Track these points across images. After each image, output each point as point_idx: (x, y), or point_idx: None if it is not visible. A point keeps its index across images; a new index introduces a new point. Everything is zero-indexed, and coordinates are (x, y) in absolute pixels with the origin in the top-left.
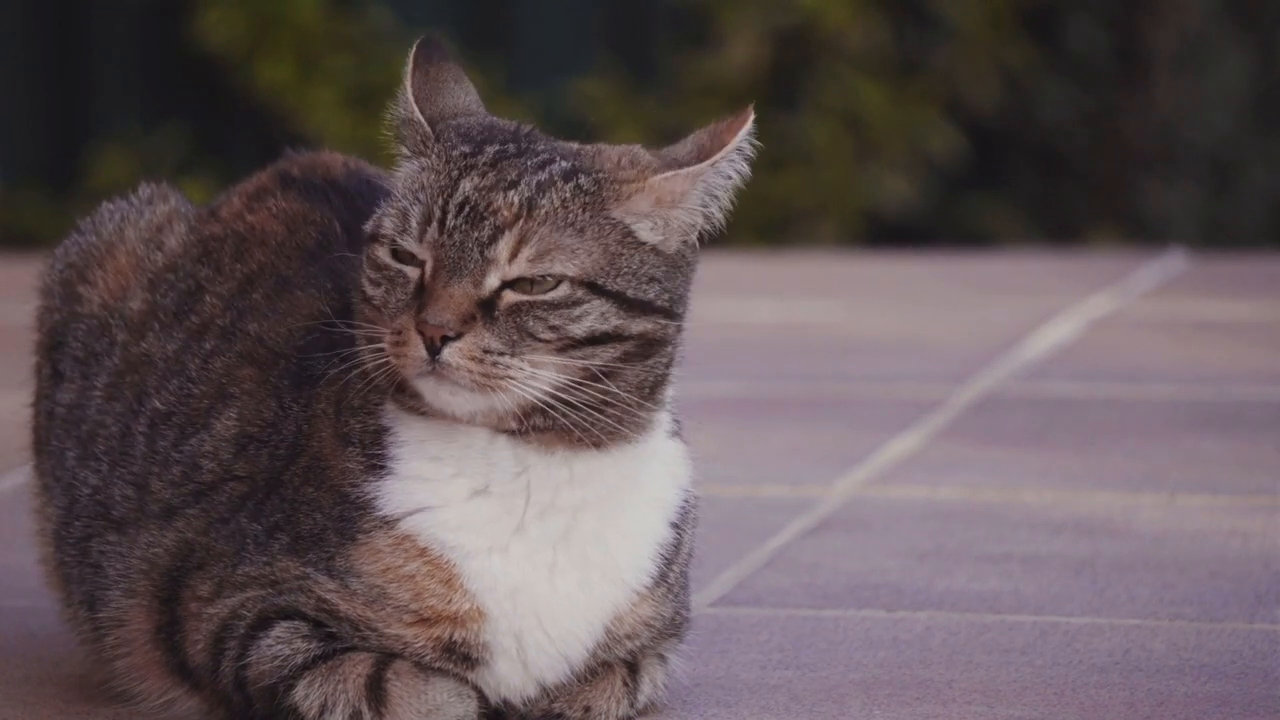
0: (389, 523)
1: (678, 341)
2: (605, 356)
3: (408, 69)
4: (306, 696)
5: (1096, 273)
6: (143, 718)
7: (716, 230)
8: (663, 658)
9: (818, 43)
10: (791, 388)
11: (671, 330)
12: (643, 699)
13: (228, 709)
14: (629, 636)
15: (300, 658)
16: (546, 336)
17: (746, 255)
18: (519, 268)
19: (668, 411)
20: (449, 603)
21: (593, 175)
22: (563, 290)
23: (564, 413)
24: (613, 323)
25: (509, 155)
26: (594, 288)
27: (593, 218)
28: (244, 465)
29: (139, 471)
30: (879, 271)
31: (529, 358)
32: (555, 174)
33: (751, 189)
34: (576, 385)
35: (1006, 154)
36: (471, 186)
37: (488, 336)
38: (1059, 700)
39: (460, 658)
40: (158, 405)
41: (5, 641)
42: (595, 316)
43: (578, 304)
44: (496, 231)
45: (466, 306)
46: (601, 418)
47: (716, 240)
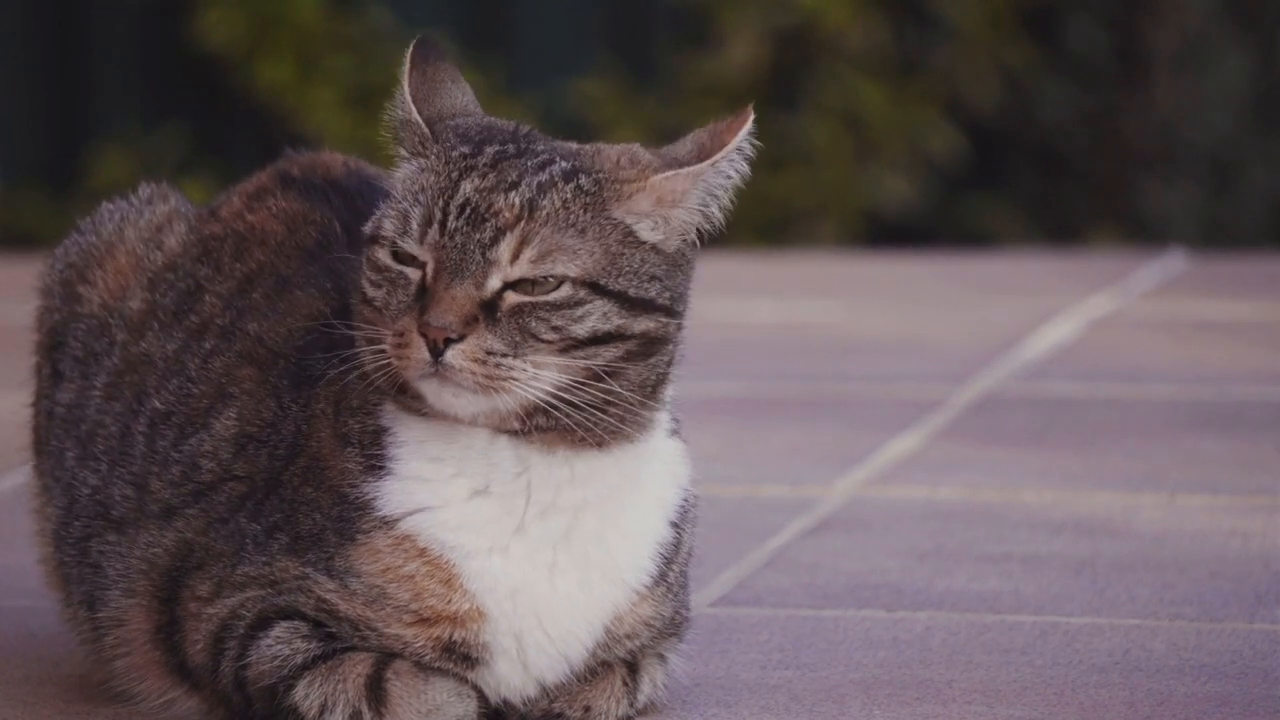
0: (388, 523)
1: (678, 340)
2: (608, 356)
3: (405, 69)
4: (306, 696)
5: (1096, 273)
6: (142, 718)
7: (716, 229)
8: (662, 657)
9: (818, 43)
10: (791, 388)
11: (672, 328)
12: (642, 699)
13: (227, 709)
14: (629, 636)
15: (300, 657)
16: (549, 337)
17: (746, 255)
18: (521, 269)
19: (667, 410)
20: (449, 603)
21: (593, 175)
22: (565, 291)
23: (567, 412)
24: (615, 322)
25: (509, 156)
26: (596, 288)
27: (594, 218)
28: (243, 465)
29: (138, 471)
30: (879, 271)
31: (531, 358)
32: (556, 174)
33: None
34: (579, 385)
35: (1006, 154)
36: (472, 188)
37: (490, 338)
38: (1059, 700)
39: (460, 657)
40: (157, 405)
41: (5, 641)
42: (597, 316)
43: (580, 304)
44: (498, 233)
45: (469, 308)
46: (604, 417)
47: (716, 240)
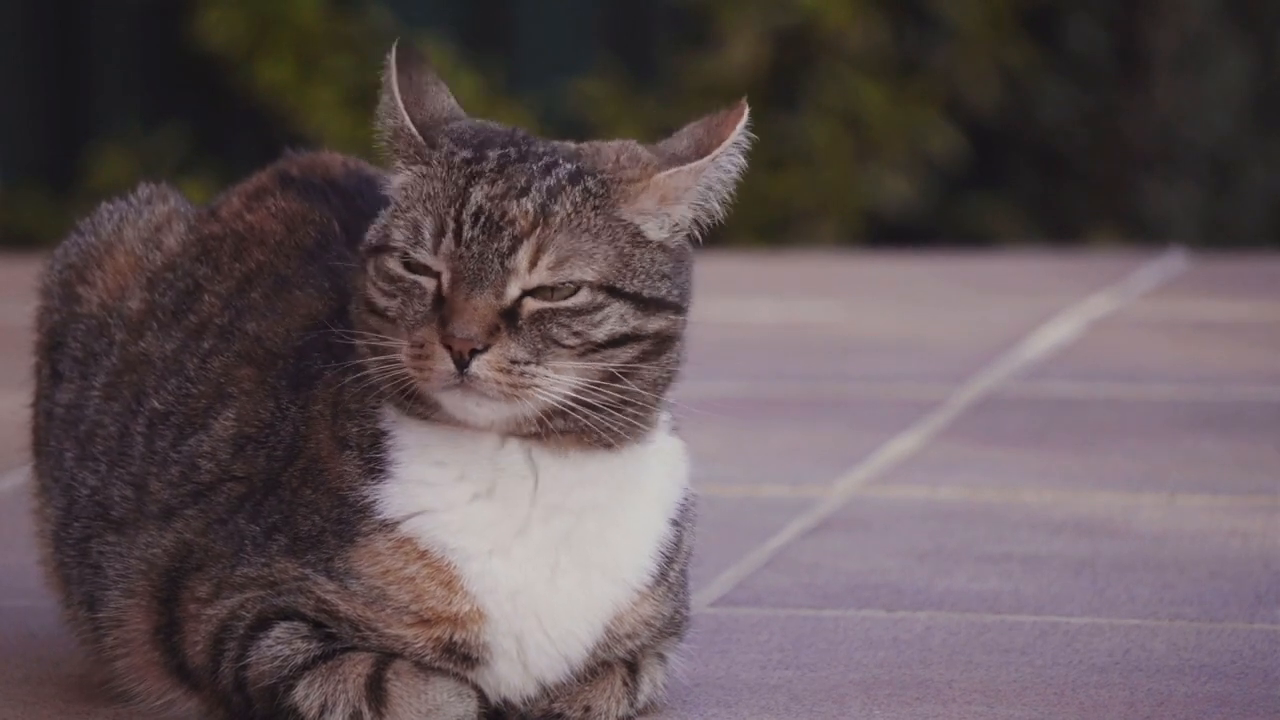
0: (389, 526)
1: (683, 336)
2: (624, 357)
3: (391, 76)
4: (306, 697)
5: (1096, 273)
6: (142, 718)
7: (716, 223)
8: (662, 657)
9: (818, 43)
10: (791, 388)
11: (681, 325)
12: (642, 698)
13: (227, 710)
14: (629, 636)
15: (300, 658)
16: (570, 342)
17: (746, 255)
18: (539, 276)
19: (667, 408)
20: (449, 604)
21: (598, 177)
22: (583, 296)
23: (585, 414)
24: (631, 324)
25: (512, 160)
26: (612, 291)
27: (605, 221)
28: (242, 466)
29: (137, 472)
30: (879, 271)
31: (552, 364)
32: (562, 178)
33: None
34: (596, 387)
35: (1006, 154)
36: (483, 195)
37: (514, 347)
38: (1059, 700)
39: (460, 658)
40: (156, 405)
41: (5, 641)
42: (615, 319)
43: (599, 309)
44: (515, 241)
45: (491, 318)
46: (621, 417)
47: (716, 240)
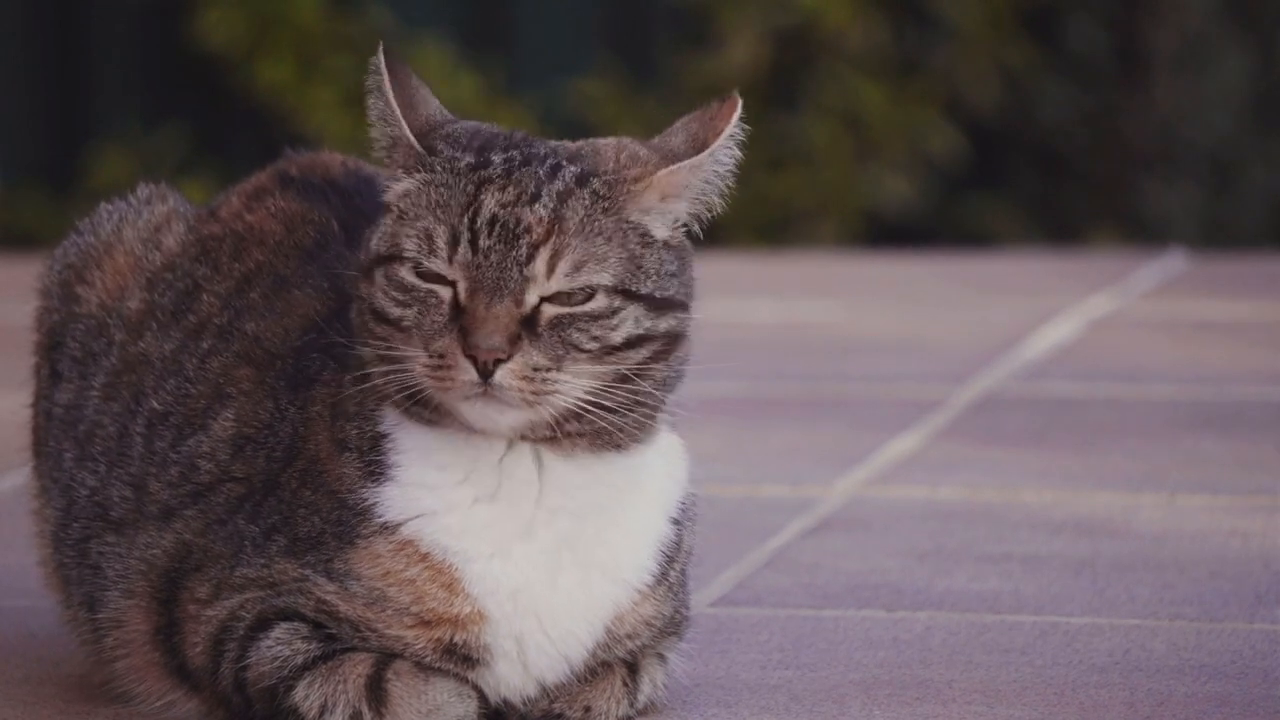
0: (389, 528)
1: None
2: (637, 358)
3: (385, 81)
4: (307, 697)
5: (1096, 273)
6: (143, 719)
7: (714, 218)
8: (663, 657)
9: (818, 43)
10: (791, 388)
11: (688, 323)
12: (642, 699)
13: (227, 710)
14: (629, 636)
15: (300, 658)
16: (590, 347)
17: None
18: (557, 282)
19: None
20: (450, 606)
21: (603, 178)
22: (600, 300)
23: (599, 416)
24: (645, 325)
25: (518, 164)
26: (627, 294)
27: (615, 223)
28: (241, 466)
29: (137, 472)
30: (879, 271)
31: (571, 369)
32: (570, 181)
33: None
34: (609, 389)
35: (1006, 154)
36: (495, 202)
37: (535, 354)
38: (1059, 700)
39: (460, 659)
40: (155, 405)
41: (5, 641)
42: (631, 322)
43: (616, 312)
44: (533, 249)
45: (513, 327)
46: (634, 416)
47: (716, 240)
